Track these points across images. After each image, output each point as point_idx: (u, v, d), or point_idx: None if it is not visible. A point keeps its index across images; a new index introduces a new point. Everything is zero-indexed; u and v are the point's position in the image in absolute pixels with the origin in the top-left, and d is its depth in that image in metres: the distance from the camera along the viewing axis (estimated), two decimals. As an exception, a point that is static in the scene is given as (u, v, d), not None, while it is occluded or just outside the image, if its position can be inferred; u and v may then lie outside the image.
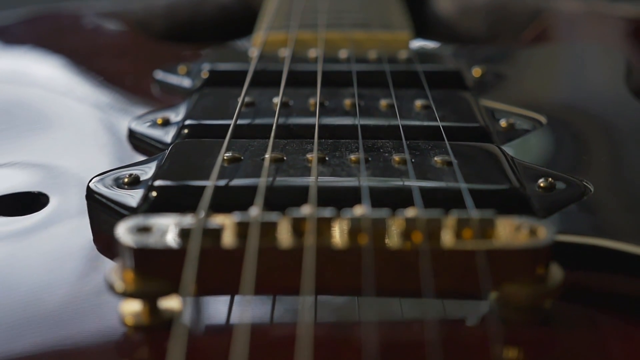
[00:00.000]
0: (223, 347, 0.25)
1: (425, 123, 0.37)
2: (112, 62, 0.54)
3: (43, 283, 0.30)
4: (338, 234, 0.27)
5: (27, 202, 0.35)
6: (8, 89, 0.49)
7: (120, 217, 0.31)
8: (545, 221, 0.28)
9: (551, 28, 0.58)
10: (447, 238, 0.26)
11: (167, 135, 0.39)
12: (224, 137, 0.34)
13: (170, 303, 0.27)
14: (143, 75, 0.49)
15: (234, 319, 0.28)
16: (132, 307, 0.27)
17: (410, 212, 0.27)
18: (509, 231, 0.27)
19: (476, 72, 0.46)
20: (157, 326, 0.27)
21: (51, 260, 0.31)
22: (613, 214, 0.33)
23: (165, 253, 0.26)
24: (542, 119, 0.40)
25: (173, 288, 0.26)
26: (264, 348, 0.26)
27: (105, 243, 0.32)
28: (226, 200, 0.29)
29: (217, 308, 0.28)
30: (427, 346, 0.25)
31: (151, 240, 0.26)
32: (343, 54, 0.47)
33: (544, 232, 0.27)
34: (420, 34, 0.54)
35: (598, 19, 0.58)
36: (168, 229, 0.27)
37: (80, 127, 0.43)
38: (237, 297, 0.28)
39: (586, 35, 0.57)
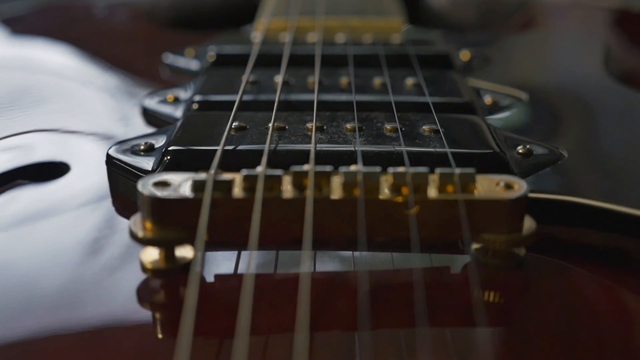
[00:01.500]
0: (233, 290, 0.28)
1: (415, 98, 0.41)
2: (122, 48, 0.57)
3: (69, 239, 0.33)
4: (334, 187, 0.30)
5: (50, 170, 0.38)
6: (25, 75, 0.52)
7: (137, 179, 0.34)
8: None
9: (536, 17, 0.61)
10: (432, 191, 0.30)
11: (177, 111, 0.42)
12: (231, 111, 0.37)
13: (185, 250, 0.30)
14: (153, 59, 0.52)
15: (242, 266, 0.31)
16: (151, 254, 0.30)
17: (399, 169, 0.30)
18: (488, 185, 0.30)
19: (464, 54, 0.50)
20: (173, 270, 0.30)
21: (75, 218, 0.34)
22: (582, 175, 0.36)
23: (181, 203, 0.29)
24: (524, 95, 0.43)
25: (188, 236, 0.29)
26: (269, 290, 0.29)
27: (123, 204, 0.35)
28: (234, 162, 0.32)
29: (227, 256, 0.31)
30: (415, 289, 0.28)
31: (168, 192, 0.29)
32: (340, 38, 0.50)
33: (520, 185, 0.30)
34: (413, 23, 0.57)
35: (581, 9, 0.61)
36: (183, 183, 0.30)
37: (96, 105, 0.46)
38: (245, 247, 0.31)
39: (569, 24, 0.60)
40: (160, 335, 0.28)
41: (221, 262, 0.31)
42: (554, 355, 0.27)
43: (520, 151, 0.36)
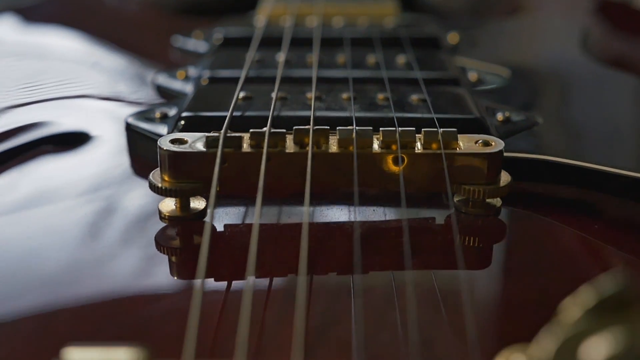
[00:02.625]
0: (242, 236, 0.32)
1: (405, 73, 0.44)
2: (133, 33, 0.61)
3: (94, 193, 0.37)
4: (331, 144, 0.34)
5: (74, 139, 0.42)
6: (42, 59, 0.56)
7: (154, 143, 0.38)
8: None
9: (522, 3, 0.65)
10: (418, 147, 0.34)
11: (186, 87, 0.46)
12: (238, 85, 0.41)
13: (198, 201, 0.34)
14: (162, 42, 0.56)
15: (249, 217, 0.35)
16: (168, 204, 0.34)
17: (389, 128, 0.34)
18: (468, 143, 0.34)
19: (452, 36, 0.53)
20: (187, 218, 0.34)
21: (98, 176, 0.38)
22: (553, 138, 0.40)
23: (195, 156, 0.33)
24: (506, 72, 0.47)
25: (201, 187, 0.33)
26: (273, 237, 0.33)
27: (140, 166, 0.39)
28: (241, 126, 0.36)
29: (236, 207, 0.35)
30: (403, 235, 0.32)
31: (184, 148, 0.33)
32: (337, 22, 0.54)
33: (496, 143, 0.34)
34: (407, 10, 0.61)
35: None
36: (197, 140, 0.34)
37: (111, 83, 0.50)
38: (252, 199, 0.35)
39: (552, 10, 0.64)
40: (176, 276, 0.32)
41: (230, 213, 0.35)
42: (527, 290, 0.31)
43: (500, 118, 0.40)
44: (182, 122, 0.38)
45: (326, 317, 0.29)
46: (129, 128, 0.40)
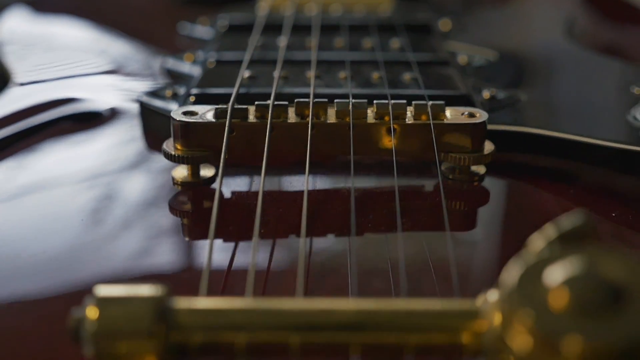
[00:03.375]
0: (248, 200, 0.35)
1: (398, 55, 0.47)
2: (141, 21, 0.64)
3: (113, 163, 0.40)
4: (330, 115, 0.37)
5: (90, 117, 0.45)
6: (52, 50, 0.59)
7: (165, 119, 0.41)
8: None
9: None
10: (409, 118, 0.37)
11: (193, 69, 0.49)
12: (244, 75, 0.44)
13: (208, 169, 0.37)
14: (169, 30, 0.59)
15: (255, 183, 0.38)
16: (181, 171, 0.37)
17: (382, 101, 0.37)
18: (455, 114, 0.37)
19: (444, 22, 0.57)
20: (198, 184, 0.37)
21: (115, 147, 0.41)
22: (534, 113, 0.43)
23: (205, 126, 0.36)
24: (494, 55, 0.50)
25: (210, 155, 0.36)
26: (276, 201, 0.36)
27: (152, 139, 0.42)
28: (246, 102, 0.39)
29: (243, 175, 0.38)
30: (395, 198, 0.35)
31: (195, 119, 0.36)
32: (335, 10, 0.57)
33: (480, 114, 0.37)
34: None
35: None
36: (207, 112, 0.37)
37: (122, 67, 0.53)
38: (257, 167, 0.38)
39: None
40: (188, 236, 0.35)
41: (238, 180, 0.38)
42: (507, 246, 0.34)
43: (485, 95, 0.43)
44: (192, 98, 0.41)
45: (325, 268, 0.32)
46: (142, 105, 0.43)
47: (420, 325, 0.25)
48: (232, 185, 0.38)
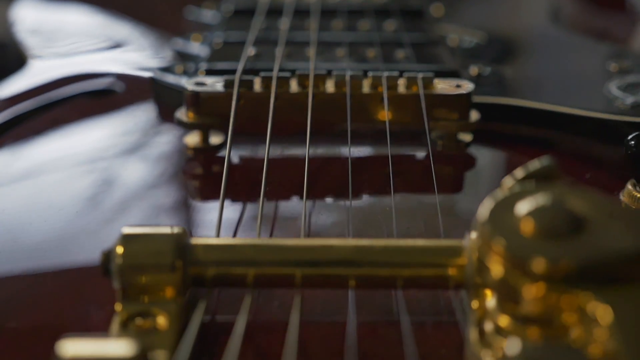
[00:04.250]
0: (254, 164, 0.38)
1: (393, 36, 0.51)
2: (151, 6, 0.67)
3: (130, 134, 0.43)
4: (328, 85, 0.40)
5: (105, 92, 0.49)
6: (61, 35, 0.62)
7: (176, 93, 0.45)
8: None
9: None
10: (401, 88, 0.40)
11: (201, 50, 0.52)
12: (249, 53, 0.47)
13: (217, 137, 0.41)
14: (177, 15, 0.62)
15: (260, 149, 0.41)
16: (192, 137, 0.41)
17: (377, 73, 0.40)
18: (443, 86, 0.41)
19: (437, 8, 0.60)
20: (208, 149, 0.40)
21: (129, 120, 0.45)
22: (518, 86, 0.46)
23: (215, 95, 0.39)
24: (482, 36, 0.53)
25: (219, 122, 0.40)
26: (279, 167, 0.40)
27: (163, 112, 0.46)
28: (252, 75, 0.43)
29: (249, 142, 0.42)
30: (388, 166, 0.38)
31: (205, 88, 0.40)
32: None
33: (467, 86, 0.41)
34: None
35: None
36: (216, 82, 0.40)
37: (136, 46, 0.56)
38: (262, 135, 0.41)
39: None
40: (200, 196, 0.39)
41: (244, 146, 0.42)
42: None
43: (473, 71, 0.46)
44: (202, 72, 0.45)
45: (325, 222, 0.36)
46: (154, 81, 0.47)
47: (410, 260, 0.28)
48: (239, 150, 0.41)
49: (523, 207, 0.25)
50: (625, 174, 0.36)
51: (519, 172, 0.27)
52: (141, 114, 0.46)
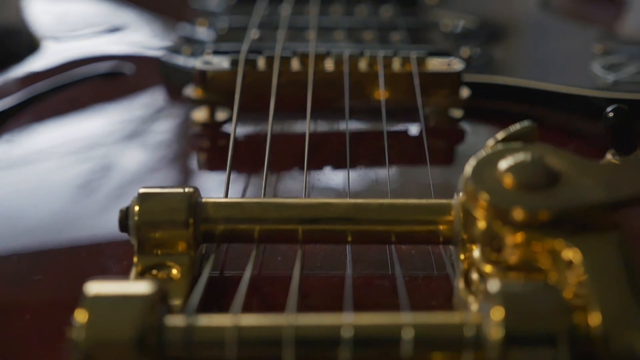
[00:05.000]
0: (259, 138, 0.41)
1: (389, 21, 0.53)
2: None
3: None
4: (327, 64, 0.43)
5: (114, 75, 0.51)
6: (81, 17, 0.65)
7: (184, 74, 0.47)
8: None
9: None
10: (396, 66, 0.43)
11: (206, 34, 0.54)
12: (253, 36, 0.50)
13: (223, 113, 0.43)
14: (183, 3, 0.65)
15: (264, 125, 0.44)
16: (200, 113, 0.43)
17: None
18: (436, 64, 0.43)
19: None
20: (215, 124, 0.43)
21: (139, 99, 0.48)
22: (507, 66, 0.49)
23: (222, 72, 0.42)
24: (474, 20, 0.56)
25: (225, 99, 0.42)
26: (282, 142, 0.42)
27: (171, 91, 0.48)
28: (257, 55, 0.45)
29: (254, 118, 0.44)
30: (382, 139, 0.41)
31: (212, 66, 0.42)
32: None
33: (458, 63, 0.43)
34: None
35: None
36: (222, 62, 0.43)
37: (142, 33, 0.59)
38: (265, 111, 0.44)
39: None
40: (208, 167, 0.42)
41: (249, 121, 0.44)
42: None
43: (464, 52, 0.49)
44: (208, 52, 0.47)
45: (325, 187, 0.38)
46: (162, 63, 0.49)
47: (403, 217, 0.31)
48: (244, 124, 0.44)
49: (504, 163, 0.28)
50: (606, 145, 0.38)
51: (501, 134, 0.29)
52: (150, 95, 0.49)
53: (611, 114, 0.38)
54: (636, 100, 0.42)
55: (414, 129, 0.44)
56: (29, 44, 0.59)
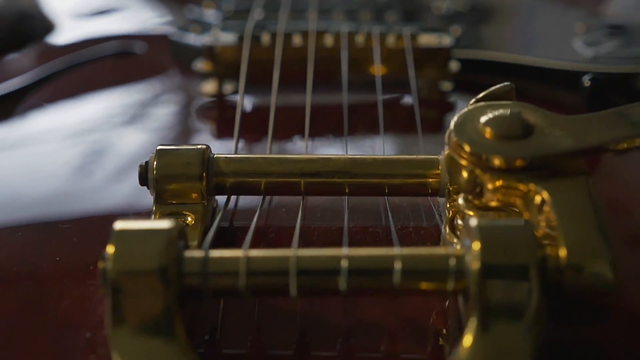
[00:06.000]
0: (263, 109, 0.44)
1: (384, 4, 0.57)
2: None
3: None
4: (327, 40, 0.46)
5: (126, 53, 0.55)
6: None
7: (193, 51, 0.50)
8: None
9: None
10: (391, 41, 0.46)
11: (213, 16, 0.58)
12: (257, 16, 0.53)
13: (231, 85, 0.47)
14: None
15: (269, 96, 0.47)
16: (208, 86, 0.47)
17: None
18: (427, 39, 0.47)
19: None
20: (223, 96, 0.46)
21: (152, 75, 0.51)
22: (495, 43, 0.52)
23: (229, 47, 0.45)
24: (464, 2, 0.59)
25: (232, 72, 0.46)
26: (285, 111, 0.46)
27: (181, 67, 0.52)
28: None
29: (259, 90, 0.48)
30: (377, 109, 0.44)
31: (220, 42, 0.46)
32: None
33: (448, 39, 0.47)
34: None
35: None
36: (230, 37, 0.46)
37: (150, 16, 0.62)
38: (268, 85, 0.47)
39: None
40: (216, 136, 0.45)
41: (255, 93, 0.48)
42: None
43: (454, 30, 0.52)
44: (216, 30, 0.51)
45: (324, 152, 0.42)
46: (172, 41, 0.53)
47: (395, 171, 0.34)
48: (250, 97, 0.47)
49: (484, 118, 0.31)
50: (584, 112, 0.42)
51: (482, 93, 0.33)
52: (161, 71, 0.52)
53: (587, 82, 0.41)
54: (612, 73, 0.45)
55: (406, 101, 0.47)
56: (43, 27, 0.62)
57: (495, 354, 0.25)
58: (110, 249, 0.27)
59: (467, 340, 0.26)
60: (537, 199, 0.29)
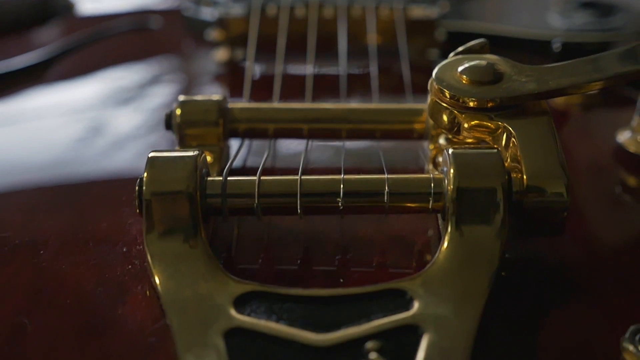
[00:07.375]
0: (270, 74, 0.50)
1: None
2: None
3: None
4: (327, 12, 0.51)
5: (141, 29, 0.60)
6: None
7: (205, 24, 0.56)
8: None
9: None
10: (385, 14, 0.51)
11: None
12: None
13: (240, 52, 0.52)
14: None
15: (276, 62, 0.52)
16: (221, 52, 0.52)
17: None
18: (416, 12, 0.52)
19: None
20: (234, 62, 0.52)
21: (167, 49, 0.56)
22: (478, 16, 0.58)
23: (239, 18, 0.51)
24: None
25: (242, 40, 0.51)
26: (290, 74, 0.51)
27: (192, 38, 0.57)
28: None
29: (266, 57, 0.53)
30: (372, 77, 0.49)
31: (231, 14, 0.51)
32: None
33: (435, 11, 0.52)
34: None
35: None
36: (239, 9, 0.52)
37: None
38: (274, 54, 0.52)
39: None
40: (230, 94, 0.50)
41: (262, 60, 0.53)
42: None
43: (443, 5, 0.58)
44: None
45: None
46: (185, 16, 0.58)
47: (386, 118, 0.39)
48: (258, 64, 0.52)
49: (461, 67, 0.36)
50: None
51: (460, 47, 0.38)
52: (175, 42, 0.57)
53: (558, 48, 0.47)
54: (583, 42, 0.51)
55: (397, 67, 0.52)
56: (64, 6, 0.67)
57: (467, 252, 0.31)
58: (145, 174, 0.32)
59: (444, 244, 0.31)
60: (505, 134, 0.34)
